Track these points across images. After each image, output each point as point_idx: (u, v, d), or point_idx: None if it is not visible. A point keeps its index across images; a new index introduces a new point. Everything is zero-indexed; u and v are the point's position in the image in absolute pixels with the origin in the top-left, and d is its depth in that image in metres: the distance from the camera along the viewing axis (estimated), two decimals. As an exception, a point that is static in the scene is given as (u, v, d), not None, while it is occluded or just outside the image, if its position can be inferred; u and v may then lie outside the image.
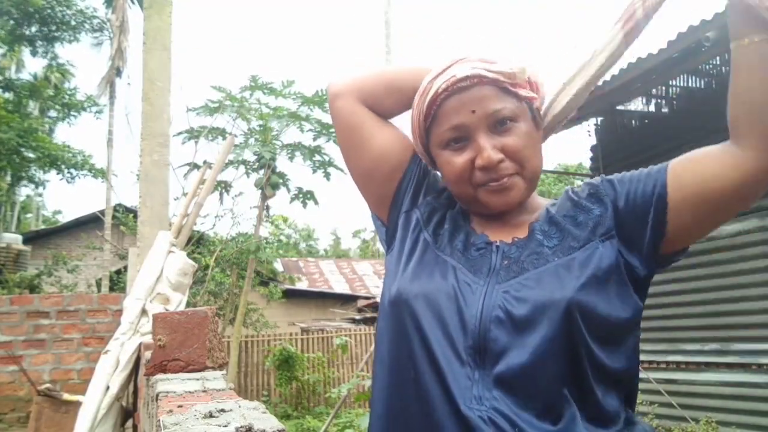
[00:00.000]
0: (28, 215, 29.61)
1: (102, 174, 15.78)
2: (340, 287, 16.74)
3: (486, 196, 0.95)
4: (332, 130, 7.09)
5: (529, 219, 0.98)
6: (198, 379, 1.14)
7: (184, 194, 3.80)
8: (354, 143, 1.07)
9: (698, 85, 5.97)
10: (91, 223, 15.98)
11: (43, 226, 24.19)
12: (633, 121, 6.54)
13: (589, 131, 6.75)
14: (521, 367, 0.83)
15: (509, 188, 0.94)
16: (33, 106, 17.04)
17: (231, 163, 6.97)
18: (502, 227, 0.98)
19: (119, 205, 14.98)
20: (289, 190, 7.38)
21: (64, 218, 29.29)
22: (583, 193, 0.98)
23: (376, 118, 1.07)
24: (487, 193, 0.94)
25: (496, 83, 0.92)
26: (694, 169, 0.89)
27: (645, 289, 0.93)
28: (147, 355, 1.68)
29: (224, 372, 1.37)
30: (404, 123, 1.10)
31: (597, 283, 0.86)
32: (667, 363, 5.43)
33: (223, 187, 7.17)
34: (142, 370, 2.08)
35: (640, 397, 4.68)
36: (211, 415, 0.68)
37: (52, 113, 17.24)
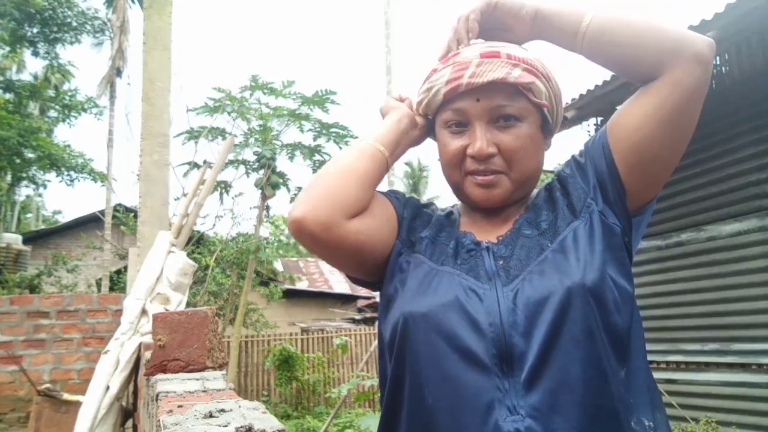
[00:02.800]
0: (28, 215, 29.61)
1: (102, 178, 15.77)
2: (340, 287, 16.72)
3: (470, 187, 0.96)
4: (332, 129, 7.09)
5: (514, 215, 0.98)
6: (198, 379, 1.14)
7: (184, 194, 3.80)
8: (358, 261, 0.98)
9: (698, 85, 5.96)
10: (91, 223, 15.99)
11: (43, 226, 24.19)
12: (633, 121, 6.53)
13: (589, 131, 6.75)
14: (550, 369, 0.80)
15: (494, 186, 0.94)
16: (33, 107, 17.04)
17: (231, 163, 6.98)
18: (486, 226, 0.98)
19: (119, 205, 15.00)
20: (289, 190, 7.38)
21: (64, 218, 29.31)
22: (559, 174, 1.01)
23: (363, 220, 0.95)
24: (473, 184, 0.95)
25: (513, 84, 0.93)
26: (622, 127, 0.92)
27: (631, 255, 0.94)
28: (147, 355, 1.68)
29: (224, 372, 1.37)
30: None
31: (594, 259, 0.87)
32: (667, 363, 5.42)
33: (223, 187, 7.17)
34: (142, 370, 2.08)
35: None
36: (211, 415, 0.68)
37: (52, 113, 17.24)
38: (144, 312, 2.57)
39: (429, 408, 0.85)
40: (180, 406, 0.79)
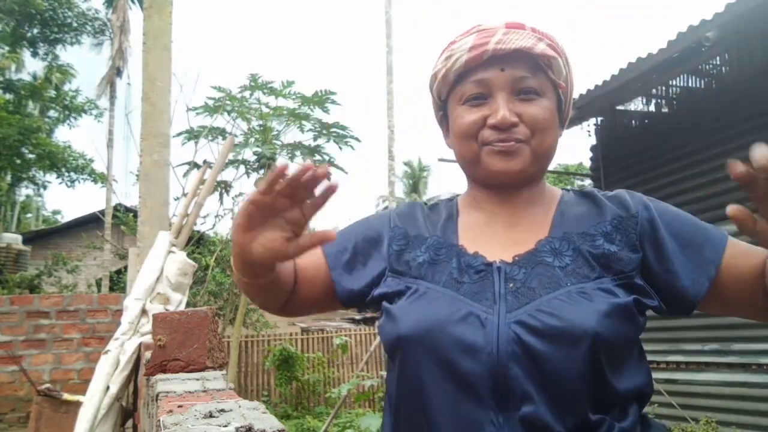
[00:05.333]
0: (28, 215, 29.62)
1: (102, 179, 15.78)
2: (340, 287, 16.71)
3: (489, 157, 0.89)
4: (332, 129, 7.10)
5: (531, 229, 0.92)
6: (198, 379, 1.14)
7: (184, 194, 3.80)
8: (323, 300, 1.02)
9: (698, 85, 5.96)
10: (91, 223, 15.98)
11: (43, 226, 24.20)
12: (633, 121, 6.53)
13: (589, 131, 6.74)
14: (547, 406, 0.77)
15: (515, 153, 0.88)
16: (33, 107, 17.05)
17: (231, 162, 6.97)
18: (498, 241, 0.91)
19: (119, 205, 15.00)
20: (289, 190, 7.36)
21: (64, 218, 29.31)
22: (609, 211, 0.91)
23: (301, 287, 0.98)
24: (492, 153, 0.89)
25: (536, 58, 0.90)
26: (739, 279, 0.85)
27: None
28: (147, 355, 1.68)
29: (224, 372, 1.37)
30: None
31: (613, 313, 0.81)
32: (667, 363, 5.43)
33: (223, 187, 7.16)
34: (142, 370, 2.08)
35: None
36: (211, 415, 0.68)
37: (52, 113, 17.24)
38: (144, 312, 2.57)
39: None
40: (180, 406, 0.79)
